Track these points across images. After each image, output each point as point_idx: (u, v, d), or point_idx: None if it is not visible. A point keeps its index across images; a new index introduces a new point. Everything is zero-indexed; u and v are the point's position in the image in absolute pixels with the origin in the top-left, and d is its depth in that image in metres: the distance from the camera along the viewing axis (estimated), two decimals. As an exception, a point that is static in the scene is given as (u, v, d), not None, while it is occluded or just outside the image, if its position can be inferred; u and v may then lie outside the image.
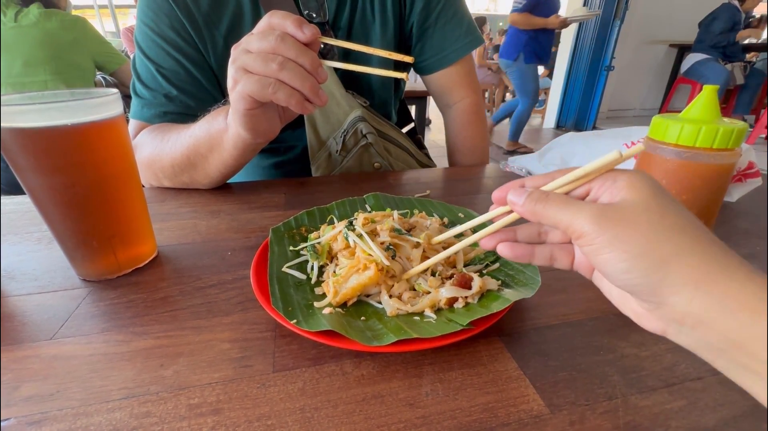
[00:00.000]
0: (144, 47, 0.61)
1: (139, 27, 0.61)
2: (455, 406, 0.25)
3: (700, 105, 0.37)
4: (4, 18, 1.29)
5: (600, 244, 0.20)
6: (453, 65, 0.74)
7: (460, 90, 0.78)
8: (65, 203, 0.34)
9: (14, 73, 1.31)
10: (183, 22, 0.59)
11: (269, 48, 0.38)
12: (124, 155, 0.37)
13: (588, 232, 0.20)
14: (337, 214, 0.47)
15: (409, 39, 0.74)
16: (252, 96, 0.39)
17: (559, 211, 0.22)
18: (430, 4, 0.70)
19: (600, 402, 0.26)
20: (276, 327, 0.32)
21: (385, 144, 0.72)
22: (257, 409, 0.25)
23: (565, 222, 0.22)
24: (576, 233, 0.21)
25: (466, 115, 0.79)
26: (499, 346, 0.30)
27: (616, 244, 0.20)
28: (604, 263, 0.20)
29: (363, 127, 0.66)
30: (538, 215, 0.23)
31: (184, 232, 0.48)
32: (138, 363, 0.28)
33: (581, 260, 0.25)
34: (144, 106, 0.61)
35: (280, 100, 0.39)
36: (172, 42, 0.60)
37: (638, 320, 0.23)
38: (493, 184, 0.66)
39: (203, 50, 0.62)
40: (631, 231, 0.20)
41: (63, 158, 0.32)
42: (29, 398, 0.26)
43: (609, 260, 0.20)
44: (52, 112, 0.31)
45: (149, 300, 0.35)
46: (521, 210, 0.24)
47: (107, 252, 0.37)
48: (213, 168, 0.55)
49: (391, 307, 0.32)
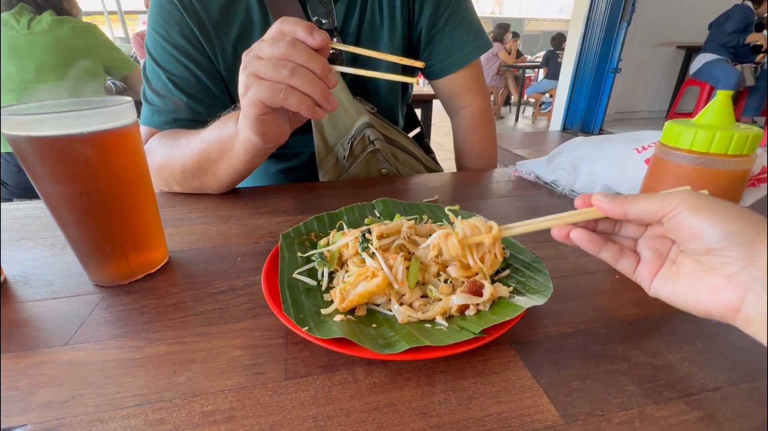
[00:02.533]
0: (155, 54, 0.62)
1: (149, 35, 0.62)
2: (468, 416, 0.25)
3: (714, 110, 0.37)
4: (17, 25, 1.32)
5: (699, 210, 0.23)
6: (461, 70, 0.74)
7: (469, 94, 0.78)
8: (80, 210, 0.35)
9: (27, 78, 1.33)
10: (193, 30, 0.60)
11: (280, 54, 0.38)
12: (138, 162, 0.38)
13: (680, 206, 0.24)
14: (346, 220, 0.48)
15: (418, 44, 0.74)
16: (263, 101, 0.40)
17: (648, 199, 0.26)
18: (439, 9, 0.70)
19: (615, 412, 0.25)
20: (287, 333, 0.32)
21: (392, 150, 0.72)
22: (270, 417, 0.25)
23: (656, 206, 0.25)
24: (669, 208, 0.24)
25: (475, 119, 0.79)
26: (511, 354, 0.30)
27: (714, 210, 0.23)
28: (699, 225, 0.23)
29: (370, 134, 0.66)
30: (628, 204, 0.26)
31: (194, 238, 0.48)
32: (151, 369, 0.29)
33: (645, 268, 0.28)
34: (154, 113, 0.62)
35: (291, 105, 0.39)
36: (182, 49, 0.61)
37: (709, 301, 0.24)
38: (502, 189, 0.66)
39: (212, 57, 0.63)
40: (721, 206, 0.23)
41: (79, 166, 0.33)
42: (45, 404, 0.26)
43: (707, 221, 0.23)
44: (68, 120, 0.31)
45: (161, 306, 0.36)
46: (608, 206, 0.27)
47: (120, 258, 0.38)
48: (223, 173, 0.55)
49: (402, 315, 0.32)
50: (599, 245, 0.29)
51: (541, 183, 0.66)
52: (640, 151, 0.53)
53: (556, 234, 0.30)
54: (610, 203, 0.27)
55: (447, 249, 0.32)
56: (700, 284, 0.24)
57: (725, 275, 0.23)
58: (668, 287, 0.26)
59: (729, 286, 0.23)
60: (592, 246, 0.29)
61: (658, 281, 0.27)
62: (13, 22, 1.32)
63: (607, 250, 0.29)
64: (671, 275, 0.26)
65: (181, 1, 0.59)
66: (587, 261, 0.43)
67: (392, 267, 0.33)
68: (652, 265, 0.27)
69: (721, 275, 0.23)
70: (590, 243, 0.29)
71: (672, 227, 0.25)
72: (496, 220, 0.33)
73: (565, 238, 0.29)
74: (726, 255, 0.23)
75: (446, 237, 0.32)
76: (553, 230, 0.30)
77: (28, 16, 1.33)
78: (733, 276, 0.23)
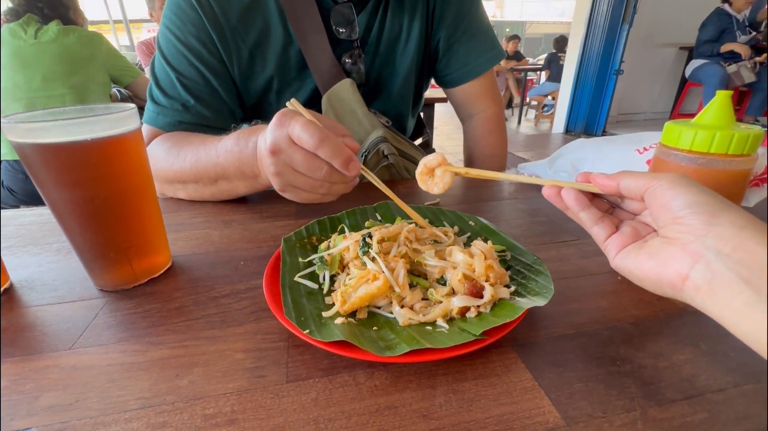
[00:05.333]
0: (166, 53, 0.61)
1: (163, 33, 0.62)
2: (469, 418, 0.25)
3: (714, 110, 0.37)
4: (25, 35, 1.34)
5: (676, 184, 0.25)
6: (477, 78, 0.75)
7: (483, 101, 0.78)
8: (85, 216, 0.35)
9: (34, 87, 1.35)
10: (210, 33, 0.60)
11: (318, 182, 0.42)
12: (142, 167, 0.38)
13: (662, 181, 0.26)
14: (347, 224, 0.48)
15: (435, 54, 0.75)
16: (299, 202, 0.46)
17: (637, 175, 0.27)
18: (457, 19, 0.71)
19: (618, 414, 0.25)
20: (289, 337, 0.32)
21: (405, 163, 0.72)
22: (271, 420, 0.25)
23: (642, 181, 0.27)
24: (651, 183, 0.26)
25: (488, 125, 0.79)
26: (512, 356, 0.30)
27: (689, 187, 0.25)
28: (670, 195, 0.25)
29: (385, 148, 0.66)
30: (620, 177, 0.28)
31: (197, 242, 0.48)
32: (154, 373, 0.29)
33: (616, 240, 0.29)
34: (159, 113, 0.62)
35: None
36: (195, 51, 0.61)
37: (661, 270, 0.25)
38: (504, 191, 0.66)
39: (227, 61, 0.63)
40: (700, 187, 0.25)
41: (83, 172, 0.33)
42: (50, 408, 0.26)
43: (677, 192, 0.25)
44: (73, 127, 0.32)
45: (164, 310, 0.36)
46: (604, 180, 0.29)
47: (124, 263, 0.38)
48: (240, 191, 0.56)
49: (403, 317, 0.32)
50: (583, 204, 0.30)
51: (542, 185, 0.66)
52: (642, 152, 0.53)
53: (547, 193, 0.32)
54: (605, 178, 0.29)
55: None
56: (659, 255, 0.25)
57: (681, 244, 0.24)
58: (629, 259, 0.27)
59: (682, 254, 0.24)
60: (576, 204, 0.30)
61: (623, 253, 0.28)
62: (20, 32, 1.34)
63: (588, 212, 0.30)
64: (636, 249, 0.27)
65: (201, 3, 0.59)
66: (589, 263, 0.43)
67: (393, 270, 0.34)
68: (624, 239, 0.29)
69: (678, 245, 0.24)
70: (576, 201, 0.30)
71: (649, 200, 0.27)
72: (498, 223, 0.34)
73: (555, 196, 0.31)
74: (686, 223, 0.24)
75: None
76: (544, 189, 0.32)
77: (35, 26, 1.35)
78: (688, 245, 0.23)
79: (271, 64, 0.65)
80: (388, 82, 0.73)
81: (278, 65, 0.65)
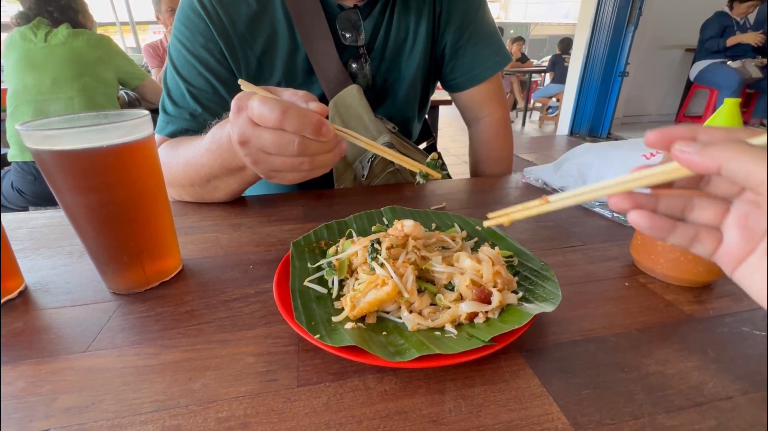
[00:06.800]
0: (177, 65, 0.63)
1: (173, 44, 0.63)
2: (478, 424, 0.25)
3: (723, 117, 0.37)
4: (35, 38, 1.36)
5: None
6: (483, 83, 0.75)
7: (489, 106, 0.79)
8: (99, 220, 0.36)
9: (44, 89, 1.37)
10: (218, 42, 0.61)
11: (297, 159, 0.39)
12: (154, 173, 0.39)
13: None
14: (355, 228, 0.48)
15: (441, 59, 0.75)
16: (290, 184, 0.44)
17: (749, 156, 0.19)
18: (464, 23, 0.71)
19: (626, 421, 0.26)
20: (299, 341, 0.33)
21: None
22: (283, 424, 0.26)
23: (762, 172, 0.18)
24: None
25: (494, 128, 0.79)
26: (520, 362, 0.30)
27: None
28: None
29: None
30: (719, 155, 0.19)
31: (207, 246, 0.49)
32: (168, 376, 0.29)
33: (729, 249, 0.22)
34: (168, 123, 0.63)
35: None
36: (204, 61, 0.62)
37: None
38: (510, 195, 0.66)
39: (235, 69, 0.64)
40: None
41: (99, 178, 0.34)
42: (67, 409, 0.27)
43: None
44: (89, 134, 0.33)
45: (176, 314, 0.36)
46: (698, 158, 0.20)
47: (136, 267, 0.39)
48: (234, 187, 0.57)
49: (412, 322, 0.32)
50: (667, 228, 0.23)
51: (548, 190, 0.66)
52: (648, 158, 0.53)
53: (615, 204, 0.23)
54: (699, 154, 0.20)
55: None
56: None
57: None
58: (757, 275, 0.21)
59: None
60: (657, 230, 0.23)
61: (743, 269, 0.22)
62: (30, 36, 1.36)
63: (679, 235, 0.23)
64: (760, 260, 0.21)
65: (208, 13, 0.59)
66: (596, 269, 0.43)
67: (402, 275, 0.34)
68: (738, 251, 0.22)
69: None
70: (653, 225, 0.23)
71: None
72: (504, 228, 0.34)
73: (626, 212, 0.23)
74: None
75: None
76: (610, 199, 0.24)
77: (45, 30, 1.38)
78: None
79: (279, 70, 0.65)
80: (394, 86, 0.73)
81: (285, 71, 0.66)
